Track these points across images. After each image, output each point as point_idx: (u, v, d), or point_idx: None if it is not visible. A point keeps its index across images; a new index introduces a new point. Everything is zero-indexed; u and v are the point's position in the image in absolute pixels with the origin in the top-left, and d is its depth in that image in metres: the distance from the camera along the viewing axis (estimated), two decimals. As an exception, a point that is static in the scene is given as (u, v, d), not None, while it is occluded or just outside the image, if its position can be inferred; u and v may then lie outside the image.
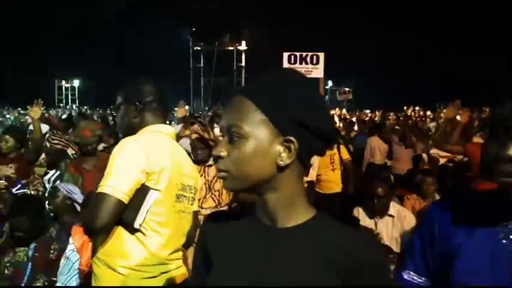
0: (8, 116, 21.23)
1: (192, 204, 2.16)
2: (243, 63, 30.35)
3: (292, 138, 0.94)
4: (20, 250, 3.11)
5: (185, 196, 2.09)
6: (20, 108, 26.11)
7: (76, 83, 49.22)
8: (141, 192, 1.90)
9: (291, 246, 0.97)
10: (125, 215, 1.88)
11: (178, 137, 5.80)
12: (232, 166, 0.96)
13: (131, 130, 2.10)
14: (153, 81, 2.17)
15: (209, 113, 12.71)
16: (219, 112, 6.88)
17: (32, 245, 3.07)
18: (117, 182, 1.84)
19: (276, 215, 1.00)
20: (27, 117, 17.58)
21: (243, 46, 29.70)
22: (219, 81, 29.12)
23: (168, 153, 2.03)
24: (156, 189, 1.93)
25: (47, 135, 5.42)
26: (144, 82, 2.14)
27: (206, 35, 27.72)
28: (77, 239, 2.92)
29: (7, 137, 4.60)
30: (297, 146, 0.95)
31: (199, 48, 29.02)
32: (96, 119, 11.14)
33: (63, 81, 48.51)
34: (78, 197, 3.65)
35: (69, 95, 48.02)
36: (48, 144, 5.11)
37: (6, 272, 3.12)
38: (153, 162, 1.92)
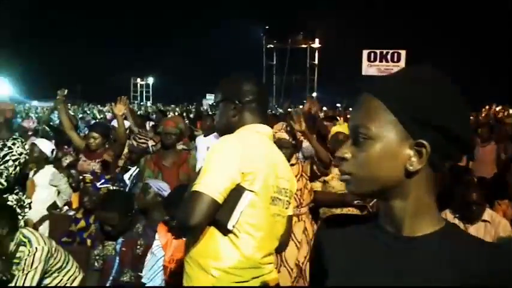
0: (88, 112, 22.38)
1: (287, 208, 2.12)
2: (316, 61, 30.17)
3: (425, 142, 0.88)
4: (109, 244, 3.23)
5: (280, 199, 2.05)
6: (99, 105, 27.51)
7: (150, 80, 51.17)
8: (236, 192, 1.88)
9: (420, 256, 0.90)
10: (219, 215, 1.86)
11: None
12: (357, 169, 0.92)
13: (229, 129, 2.09)
14: (254, 80, 2.15)
15: (280, 110, 12.64)
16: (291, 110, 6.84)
17: (120, 240, 3.17)
18: (212, 181, 1.83)
19: (402, 222, 0.93)
20: (107, 113, 18.47)
21: (316, 44, 29.55)
22: (291, 79, 29.14)
23: (265, 154, 2.00)
24: (251, 191, 1.90)
25: (133, 135, 5.62)
26: (244, 80, 2.12)
27: (279, 33, 27.83)
28: (162, 236, 2.98)
29: (95, 134, 4.83)
30: (429, 150, 0.88)
31: (272, 46, 29.24)
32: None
33: (138, 79, 50.58)
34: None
35: (144, 92, 49.96)
36: (134, 143, 5.29)
37: (96, 264, 3.25)
38: (249, 162, 1.90)
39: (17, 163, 4.09)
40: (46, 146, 4.96)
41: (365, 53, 9.06)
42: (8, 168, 4.02)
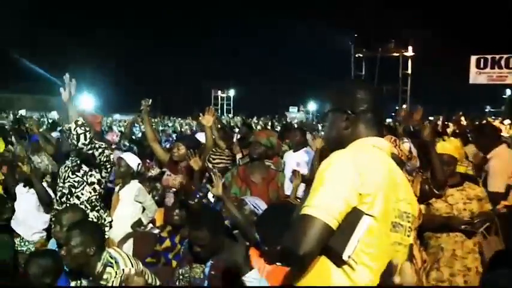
0: (170, 124, 23.17)
1: (408, 236, 1.91)
2: (409, 71, 29.30)
3: None
4: (197, 266, 3.15)
5: (402, 225, 1.85)
6: (179, 118, 28.43)
7: (232, 92, 52.33)
8: (352, 217, 1.72)
9: None
10: (332, 242, 1.71)
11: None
12: None
13: (339, 142, 1.94)
14: (369, 87, 2.00)
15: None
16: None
17: (209, 263, 3.08)
18: (325, 203, 1.69)
19: None
20: (186, 126, 18.98)
21: (409, 52, 28.73)
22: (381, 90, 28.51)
23: (385, 172, 1.81)
24: (370, 215, 1.73)
25: (208, 155, 5.51)
26: (358, 87, 1.98)
27: (369, 41, 27.41)
28: (254, 261, 2.86)
29: (180, 144, 4.83)
30: None
31: (361, 55, 28.84)
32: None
33: (219, 91, 51.93)
34: None
35: (225, 104, 51.13)
36: (210, 165, 5.22)
37: (177, 283, 3.19)
38: (367, 182, 1.73)
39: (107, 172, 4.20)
40: (133, 160, 5.06)
41: (473, 59, 8.51)
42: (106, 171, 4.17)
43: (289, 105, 46.04)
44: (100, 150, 4.05)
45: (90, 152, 3.95)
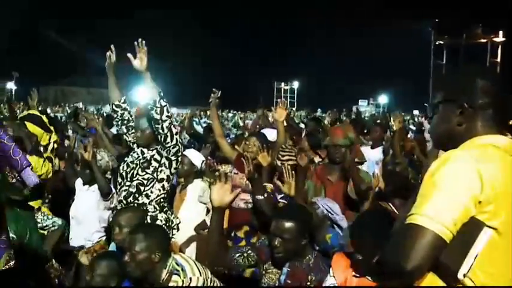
0: (228, 119, 23.31)
1: None
2: (498, 59, 28.19)
3: None
4: (273, 271, 3.07)
5: None
6: (239, 111, 28.62)
7: (296, 85, 52.24)
8: (470, 228, 1.60)
9: None
10: (445, 257, 1.61)
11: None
12: None
13: (450, 140, 1.82)
14: (493, 77, 1.83)
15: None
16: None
17: (285, 270, 2.99)
18: (438, 212, 1.58)
19: None
20: (248, 121, 19.04)
21: (499, 37, 27.59)
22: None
23: (508, 177, 1.66)
24: (491, 227, 1.61)
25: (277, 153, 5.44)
26: (478, 76, 1.81)
27: (452, 27, 26.56)
28: (339, 272, 2.77)
29: (255, 139, 4.69)
30: None
31: (442, 42, 28.05)
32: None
33: (282, 83, 52.00)
34: (340, 218, 3.54)
35: (288, 97, 51.13)
36: (279, 163, 5.16)
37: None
38: (489, 188, 1.59)
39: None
40: (196, 158, 5.06)
41: None
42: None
43: (357, 98, 45.55)
44: (175, 130, 4.05)
45: (170, 128, 3.95)
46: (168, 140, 3.95)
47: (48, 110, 17.98)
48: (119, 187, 4.19)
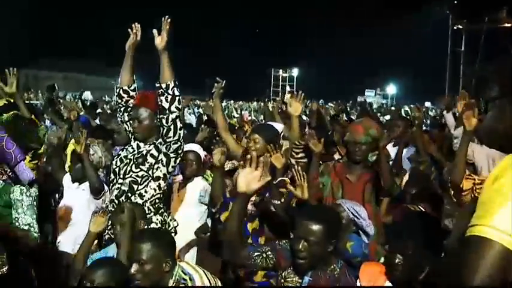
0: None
1: None
2: (524, 46, 28.25)
3: None
4: (292, 281, 3.01)
5: None
6: (232, 101, 28.52)
7: (295, 72, 52.16)
8: None
9: None
10: None
11: None
12: None
13: (502, 138, 1.78)
14: None
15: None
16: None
17: (306, 279, 2.93)
18: (505, 222, 1.53)
19: None
20: (245, 111, 19.00)
21: (526, 21, 27.66)
22: (485, 70, 27.66)
23: None
24: None
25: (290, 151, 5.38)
26: None
27: (472, 10, 26.56)
28: (367, 280, 2.74)
29: (257, 136, 4.62)
30: None
31: (460, 26, 28.09)
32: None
33: (281, 71, 51.90)
34: (367, 224, 3.51)
35: (287, 86, 50.98)
36: (293, 161, 5.11)
37: None
38: None
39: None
40: (200, 153, 5.01)
41: None
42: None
43: (363, 88, 45.47)
44: (180, 124, 3.99)
45: (175, 121, 3.91)
46: (171, 134, 3.91)
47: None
48: (111, 185, 4.15)
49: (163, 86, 3.83)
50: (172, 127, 3.89)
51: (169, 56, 3.85)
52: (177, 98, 3.86)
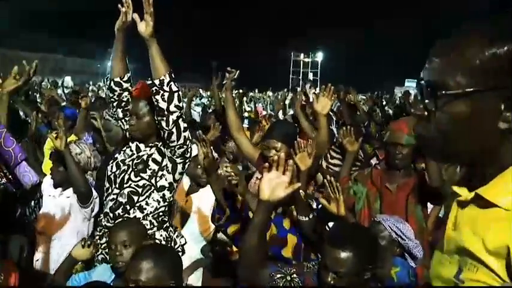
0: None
1: None
2: None
3: None
4: None
5: None
6: (240, 90, 28.50)
7: (319, 57, 52.04)
8: None
9: None
10: None
11: None
12: None
13: (485, 153, 1.69)
14: None
15: None
16: None
17: None
18: None
19: None
20: (259, 104, 19.00)
21: None
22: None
23: None
24: None
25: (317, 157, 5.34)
26: None
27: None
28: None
29: (277, 143, 4.43)
30: None
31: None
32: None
33: (302, 55, 51.82)
34: (414, 244, 3.50)
35: (308, 73, 50.91)
36: (324, 165, 5.13)
37: None
38: None
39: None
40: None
41: None
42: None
43: (404, 78, 45.27)
44: (183, 125, 3.83)
45: (177, 122, 3.76)
46: (174, 138, 3.80)
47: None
48: (105, 194, 4.07)
49: (157, 82, 3.66)
50: (174, 130, 3.76)
51: (159, 44, 3.67)
52: (176, 94, 3.70)
